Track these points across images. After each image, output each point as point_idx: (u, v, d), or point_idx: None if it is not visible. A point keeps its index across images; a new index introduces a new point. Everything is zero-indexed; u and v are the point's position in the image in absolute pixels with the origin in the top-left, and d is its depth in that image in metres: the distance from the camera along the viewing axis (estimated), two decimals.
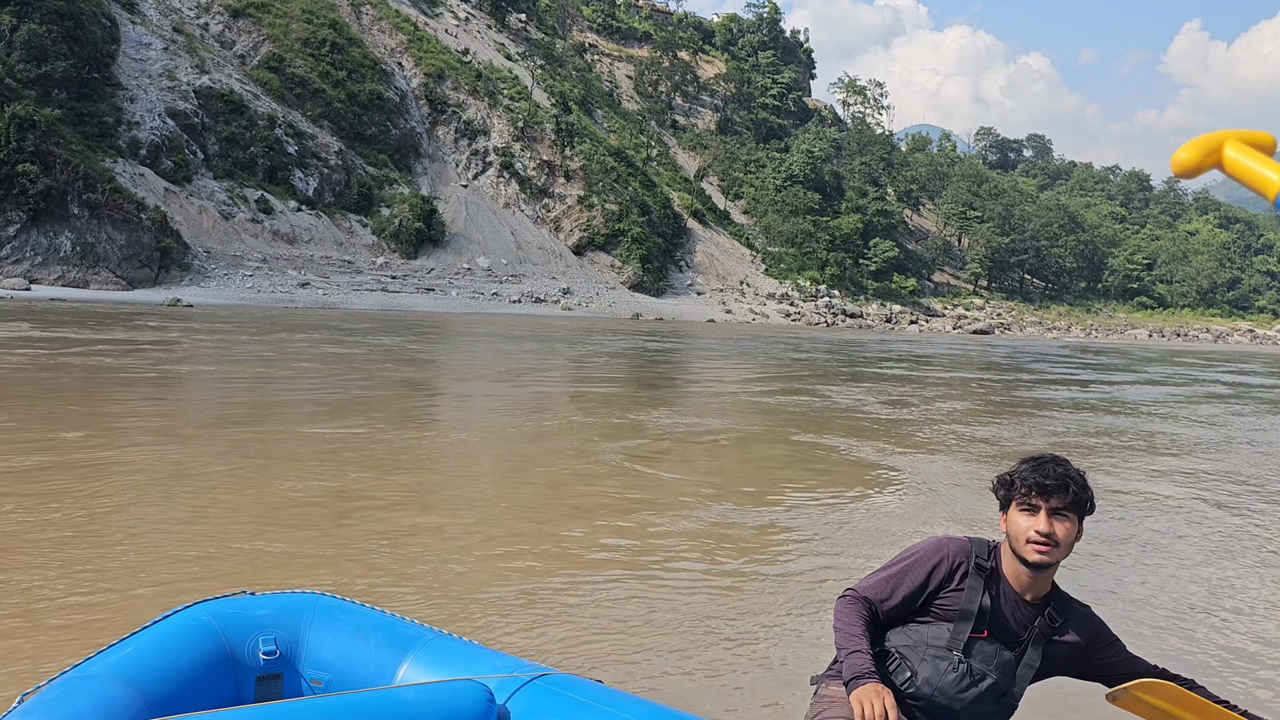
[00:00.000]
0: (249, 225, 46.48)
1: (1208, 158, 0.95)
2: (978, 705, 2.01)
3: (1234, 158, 0.94)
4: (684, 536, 5.54)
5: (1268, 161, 0.92)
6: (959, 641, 2.01)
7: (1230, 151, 0.94)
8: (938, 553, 2.07)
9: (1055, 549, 1.96)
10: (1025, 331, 72.92)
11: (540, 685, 2.02)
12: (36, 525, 4.98)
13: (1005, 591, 2.04)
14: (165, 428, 8.47)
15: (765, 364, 22.68)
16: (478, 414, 10.90)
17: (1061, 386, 20.10)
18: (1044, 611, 2.05)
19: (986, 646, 2.02)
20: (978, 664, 2.01)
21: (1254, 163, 0.92)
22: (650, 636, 3.87)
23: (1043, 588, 2.05)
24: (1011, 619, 2.04)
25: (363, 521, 5.45)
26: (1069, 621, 2.07)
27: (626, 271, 61.33)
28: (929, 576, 2.05)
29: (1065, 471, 1.97)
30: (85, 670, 1.92)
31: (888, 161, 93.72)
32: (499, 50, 73.38)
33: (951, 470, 8.38)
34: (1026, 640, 2.04)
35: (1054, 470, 1.97)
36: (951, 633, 2.02)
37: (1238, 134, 0.96)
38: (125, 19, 48.60)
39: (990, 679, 2.01)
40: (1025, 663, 2.03)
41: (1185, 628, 4.42)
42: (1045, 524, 1.95)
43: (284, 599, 2.28)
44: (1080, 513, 1.99)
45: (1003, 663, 2.02)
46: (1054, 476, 1.96)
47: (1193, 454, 10.44)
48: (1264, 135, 0.96)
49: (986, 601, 2.02)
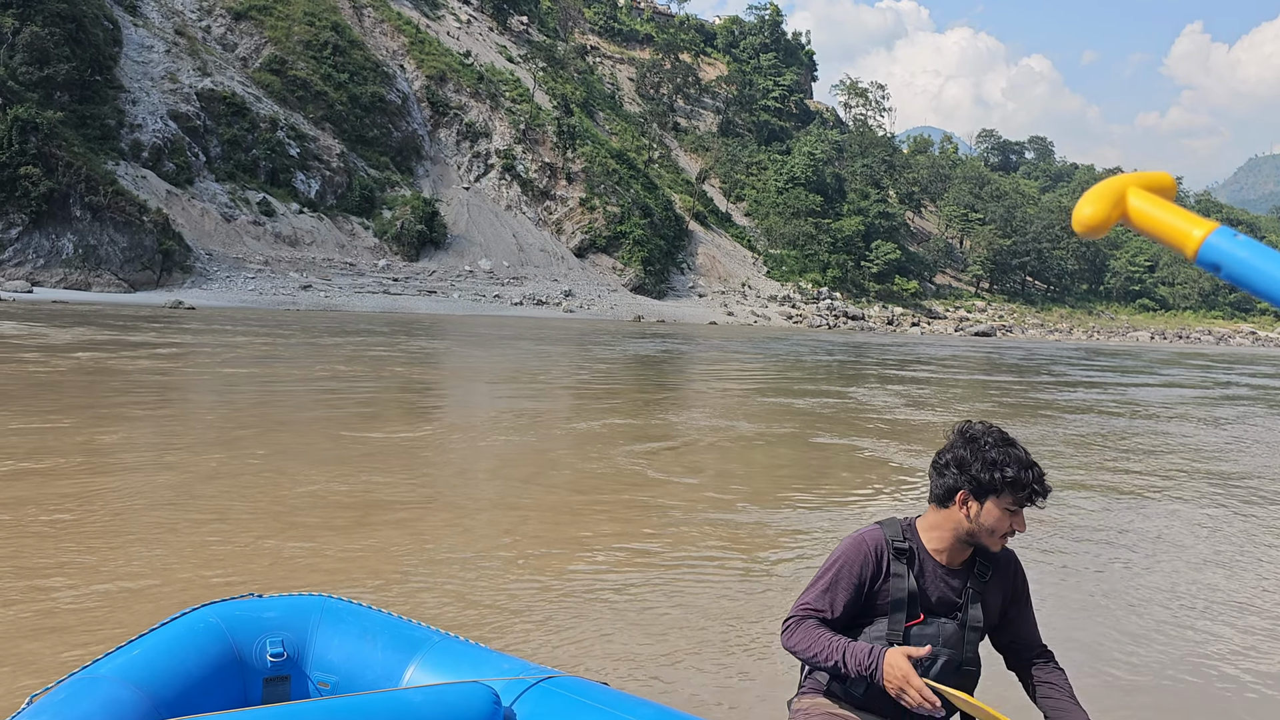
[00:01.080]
0: (251, 228, 46.54)
1: (1114, 210, 0.81)
2: (945, 683, 1.98)
3: (1139, 207, 0.80)
4: (699, 538, 5.54)
5: (1178, 211, 0.79)
6: (897, 634, 2.00)
7: (1134, 200, 0.81)
8: (860, 550, 2.04)
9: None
10: (1027, 333, 72.88)
11: (546, 688, 2.03)
12: (59, 525, 5.00)
13: (929, 568, 2.03)
14: (204, 433, 8.48)
15: (778, 365, 22.68)
16: (492, 415, 10.91)
17: (1094, 389, 20.08)
18: (972, 569, 2.05)
19: (926, 629, 2.00)
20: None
21: (1163, 213, 0.79)
22: (659, 639, 3.88)
23: (968, 550, 2.05)
24: (943, 590, 2.03)
25: (376, 523, 5.45)
26: (996, 568, 2.08)
27: (628, 273, 61.34)
28: (860, 576, 2.02)
29: (1042, 473, 1.99)
30: (93, 672, 1.92)
31: (889, 163, 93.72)
32: (501, 52, 73.46)
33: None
34: (964, 602, 2.03)
35: (1041, 473, 1.98)
36: (888, 627, 2.01)
37: (1137, 178, 0.82)
38: (127, 21, 48.69)
39: (943, 657, 1.99)
40: (970, 625, 2.02)
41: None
42: (1023, 523, 1.98)
43: (291, 601, 2.29)
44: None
45: (948, 636, 2.00)
46: (1048, 487, 1.98)
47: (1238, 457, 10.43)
48: (1162, 177, 0.83)
49: (913, 585, 2.01)
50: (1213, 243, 0.76)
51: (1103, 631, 4.36)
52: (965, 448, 1.98)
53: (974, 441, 1.98)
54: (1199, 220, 0.78)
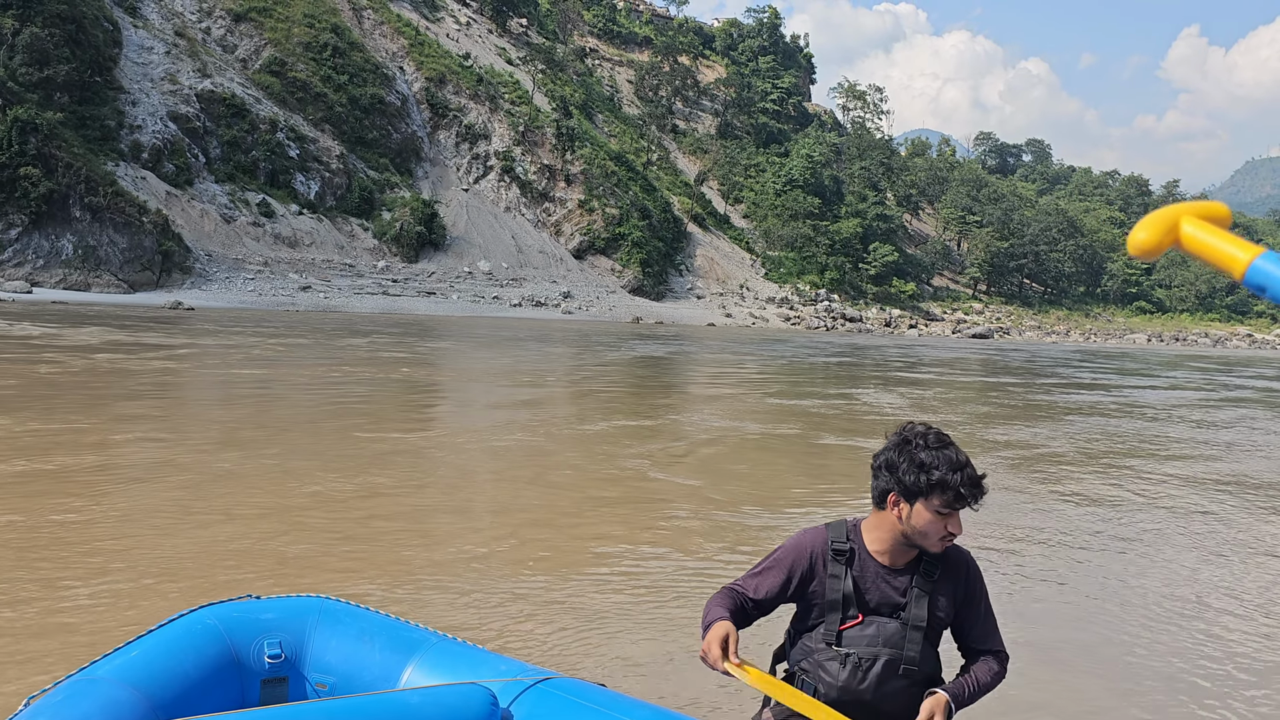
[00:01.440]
0: (250, 229, 46.52)
1: (1166, 236, 0.89)
2: (884, 687, 1.97)
3: (1191, 234, 0.88)
4: (700, 539, 5.54)
5: (1227, 236, 0.86)
6: (832, 634, 1.99)
7: (1187, 227, 0.88)
8: (797, 549, 2.06)
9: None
10: (1024, 335, 72.93)
11: (544, 689, 2.03)
12: (67, 525, 5.00)
13: (870, 569, 2.02)
14: (213, 433, 8.47)
15: (778, 366, 22.68)
16: (495, 417, 10.91)
17: (1100, 391, 20.09)
18: (918, 568, 2.02)
19: (866, 629, 1.98)
20: (864, 649, 1.97)
21: (1214, 238, 0.86)
22: (659, 641, 3.88)
23: (911, 552, 2.03)
24: (884, 590, 2.01)
25: (380, 524, 5.46)
26: (946, 567, 2.04)
27: (627, 275, 61.34)
28: (789, 572, 2.03)
29: (982, 478, 1.95)
30: (91, 673, 1.92)
31: (887, 166, 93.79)
32: (500, 54, 73.48)
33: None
34: (908, 601, 2.00)
35: (982, 482, 1.94)
36: (824, 628, 2.01)
37: (1191, 207, 0.90)
38: (127, 23, 48.68)
39: (883, 658, 1.97)
40: (912, 624, 1.98)
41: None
42: (959, 525, 1.96)
43: (289, 603, 2.29)
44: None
45: (889, 635, 1.98)
46: (983, 489, 1.94)
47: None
48: (1218, 207, 0.90)
49: (849, 586, 2.00)
50: (1258, 266, 0.82)
51: (1100, 633, 4.37)
52: (897, 450, 1.97)
53: (907, 444, 1.96)
54: (1246, 245, 0.84)
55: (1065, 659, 4.01)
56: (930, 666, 2.02)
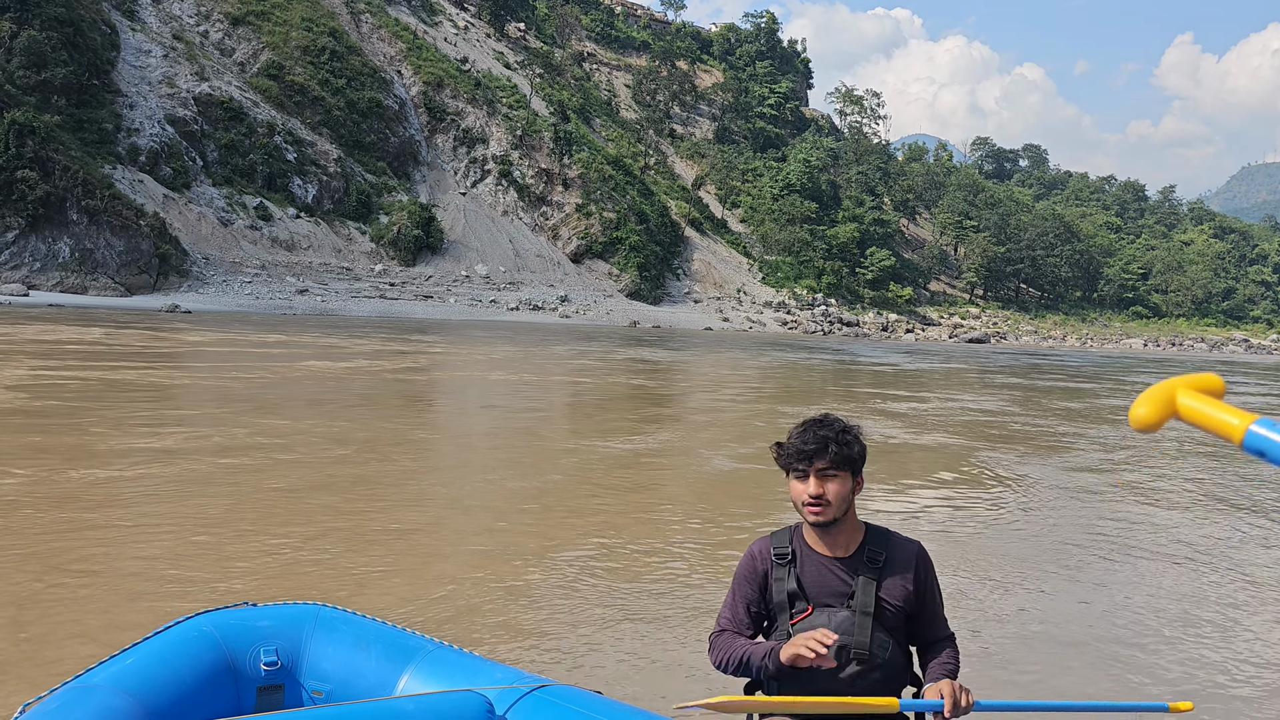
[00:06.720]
0: (247, 232, 46.49)
1: (1165, 409, 0.93)
2: (840, 674, 1.98)
3: (1189, 405, 0.92)
4: (702, 548, 5.54)
5: (1223, 406, 0.91)
6: (784, 632, 2.03)
7: (1184, 399, 0.93)
8: (750, 561, 2.12)
9: (828, 507, 2.00)
10: (1021, 340, 73.03)
11: (540, 696, 2.03)
12: (69, 530, 4.99)
13: (812, 564, 2.06)
14: (218, 439, 8.46)
15: (778, 369, 22.69)
16: (497, 418, 10.90)
17: (1097, 389, 20.12)
18: (863, 556, 2.05)
19: (815, 619, 2.01)
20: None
21: (1210, 408, 0.91)
22: (656, 650, 3.88)
23: (851, 540, 2.06)
24: (829, 580, 2.04)
25: (374, 532, 5.45)
26: (892, 554, 2.06)
27: (624, 279, 61.39)
28: (751, 584, 2.10)
29: (826, 434, 2.00)
30: (87, 680, 1.92)
31: (884, 171, 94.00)
32: (498, 59, 73.56)
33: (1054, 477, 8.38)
34: (855, 588, 2.03)
35: (815, 433, 2.00)
36: (779, 630, 2.06)
37: (1186, 380, 0.94)
38: (125, 26, 48.68)
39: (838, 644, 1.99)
40: (860, 610, 2.00)
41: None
42: (816, 486, 1.99)
43: (285, 610, 2.29)
44: (851, 468, 2.02)
45: (838, 623, 2.00)
46: (815, 440, 1.99)
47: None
48: (1211, 379, 0.95)
49: (794, 584, 2.04)
50: (1255, 431, 0.87)
51: (1100, 634, 4.37)
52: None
53: (795, 428, 2.06)
54: (1240, 413, 0.89)
55: (1064, 658, 4.02)
56: (885, 653, 2.01)
